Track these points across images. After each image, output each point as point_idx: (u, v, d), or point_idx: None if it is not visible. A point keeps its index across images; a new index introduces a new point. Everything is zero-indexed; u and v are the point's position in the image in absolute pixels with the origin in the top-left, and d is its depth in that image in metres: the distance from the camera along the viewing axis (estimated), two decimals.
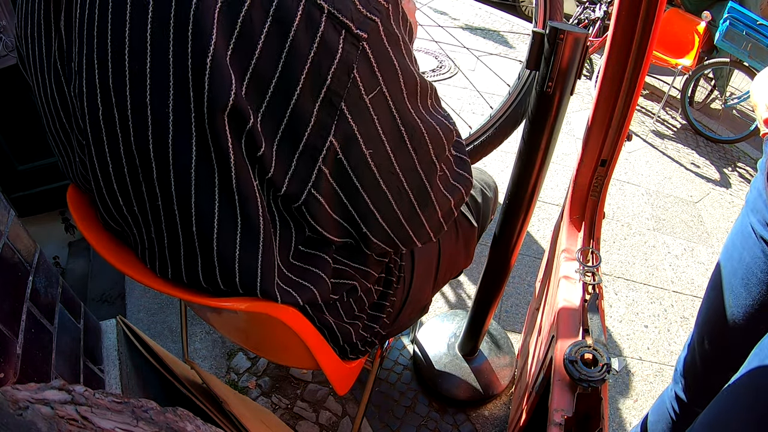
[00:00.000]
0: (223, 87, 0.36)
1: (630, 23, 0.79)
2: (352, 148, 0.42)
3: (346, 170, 0.44)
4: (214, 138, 0.38)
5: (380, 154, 0.44)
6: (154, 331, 1.49)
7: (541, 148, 0.83)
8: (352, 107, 0.40)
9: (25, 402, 0.30)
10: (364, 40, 0.38)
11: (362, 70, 0.39)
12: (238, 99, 0.37)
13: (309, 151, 0.41)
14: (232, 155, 0.39)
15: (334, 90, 0.38)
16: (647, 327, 1.76)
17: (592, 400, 0.69)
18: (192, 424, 0.42)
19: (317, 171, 0.42)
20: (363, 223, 0.49)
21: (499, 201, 1.04)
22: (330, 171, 0.43)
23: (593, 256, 0.92)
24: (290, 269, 0.50)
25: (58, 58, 0.45)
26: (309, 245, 0.51)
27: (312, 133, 0.40)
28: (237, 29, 0.35)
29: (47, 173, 1.78)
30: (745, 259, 0.75)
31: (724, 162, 2.94)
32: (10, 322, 0.67)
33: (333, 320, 0.63)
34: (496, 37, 3.86)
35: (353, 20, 0.37)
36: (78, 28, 0.40)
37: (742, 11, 2.70)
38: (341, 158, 0.42)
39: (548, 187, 2.35)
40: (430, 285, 0.82)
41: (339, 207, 0.47)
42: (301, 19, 0.36)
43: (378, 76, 0.40)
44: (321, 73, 0.37)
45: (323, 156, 0.41)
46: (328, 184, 0.44)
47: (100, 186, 0.45)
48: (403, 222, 0.52)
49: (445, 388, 1.36)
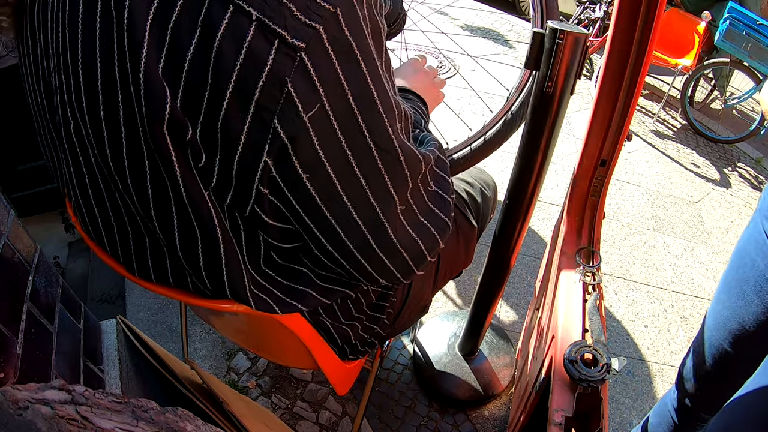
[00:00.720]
0: (158, 100, 0.35)
1: (630, 23, 0.79)
2: (288, 170, 0.38)
3: (284, 191, 0.40)
4: (158, 150, 0.37)
5: (321, 180, 0.40)
6: (154, 331, 1.49)
7: (541, 148, 0.83)
8: (287, 126, 0.36)
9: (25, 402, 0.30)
10: (302, 50, 0.34)
11: (299, 84, 0.35)
12: (174, 112, 0.35)
13: (245, 170, 0.38)
14: (176, 167, 0.38)
15: (264, 106, 0.35)
16: (647, 327, 1.76)
17: (592, 400, 0.69)
18: (192, 424, 0.42)
19: (256, 190, 0.39)
20: (313, 245, 0.46)
21: (499, 200, 1.04)
22: (269, 191, 0.40)
23: (593, 256, 0.92)
24: (264, 277, 0.49)
25: (41, 70, 0.45)
26: (283, 255, 0.49)
27: (244, 152, 0.37)
28: (167, 41, 0.34)
29: (47, 173, 1.77)
30: (758, 265, 0.73)
31: (724, 162, 2.94)
32: (10, 322, 0.67)
33: (330, 322, 0.63)
34: (496, 37, 3.85)
35: (287, 28, 0.34)
36: (52, 42, 0.41)
37: (742, 11, 2.70)
38: (276, 178, 0.39)
39: (548, 187, 2.35)
40: (430, 285, 0.82)
41: (284, 222, 0.44)
42: (227, 28, 0.33)
43: (319, 91, 0.36)
44: (248, 88, 0.34)
45: (259, 176, 0.38)
46: (269, 201, 0.41)
47: (78, 197, 0.47)
48: (357, 256, 0.47)
49: (445, 388, 1.36)
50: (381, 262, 0.49)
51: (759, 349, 0.76)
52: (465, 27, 3.98)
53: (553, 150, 0.85)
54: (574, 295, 0.84)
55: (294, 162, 0.38)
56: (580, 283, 0.85)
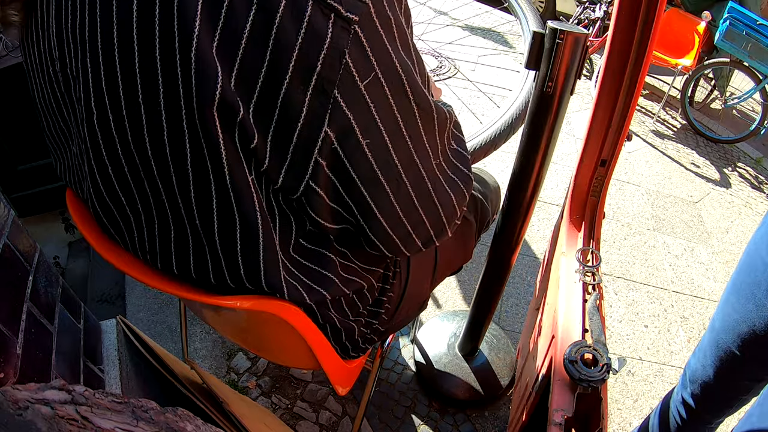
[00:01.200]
0: (210, 80, 0.35)
1: (630, 23, 0.79)
2: (349, 139, 0.41)
3: (343, 161, 0.42)
4: (205, 133, 0.37)
5: (377, 144, 0.43)
6: (154, 331, 1.49)
7: (541, 148, 0.83)
8: (347, 95, 0.38)
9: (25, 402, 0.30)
10: (356, 24, 0.36)
11: (355, 55, 0.37)
12: (225, 92, 0.36)
13: (303, 143, 0.39)
14: (223, 150, 0.38)
15: (326, 77, 0.37)
16: (647, 327, 1.76)
17: (592, 400, 0.69)
18: (192, 424, 0.42)
19: (314, 163, 0.40)
20: (361, 216, 0.48)
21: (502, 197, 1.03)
22: (327, 163, 0.41)
23: (593, 256, 0.92)
24: (292, 263, 0.50)
25: (50, 63, 0.45)
26: (311, 241, 0.50)
27: (305, 123, 0.38)
28: (221, 20, 0.34)
29: (47, 173, 1.78)
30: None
31: (724, 162, 2.94)
32: (10, 322, 0.67)
33: (337, 318, 0.63)
34: (496, 37, 3.86)
35: (342, 3, 0.36)
36: (71, 32, 0.40)
37: (742, 11, 2.70)
38: (337, 149, 0.41)
39: (548, 187, 2.35)
40: (428, 281, 0.82)
41: (337, 198, 0.45)
42: (286, 6, 0.35)
43: (372, 61, 0.39)
44: (310, 61, 0.36)
45: (318, 147, 0.40)
46: (325, 175, 0.42)
47: (100, 189, 0.45)
48: (401, 217, 0.50)
49: (445, 388, 1.36)
50: (420, 221, 0.52)
51: (762, 353, 0.76)
52: (465, 27, 3.98)
53: (553, 150, 0.85)
54: (574, 295, 0.84)
55: (355, 129, 0.40)
56: (580, 283, 0.85)
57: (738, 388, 0.86)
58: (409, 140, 0.46)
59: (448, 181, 0.54)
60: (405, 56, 0.42)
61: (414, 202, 0.50)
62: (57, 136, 0.50)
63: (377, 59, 0.39)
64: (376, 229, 0.49)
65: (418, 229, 0.53)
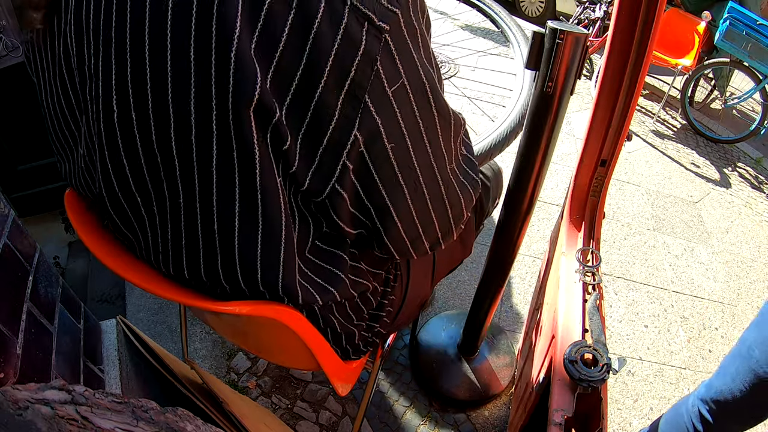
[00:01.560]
0: (249, 81, 0.35)
1: (630, 23, 0.79)
2: (376, 143, 0.42)
3: (368, 165, 0.43)
4: (239, 134, 0.37)
5: (401, 149, 0.44)
6: (154, 331, 1.49)
7: (541, 148, 0.83)
8: (376, 100, 0.40)
9: (25, 402, 0.30)
10: (387, 32, 0.38)
11: (385, 62, 0.39)
12: (264, 93, 0.36)
13: (333, 146, 0.40)
14: (257, 151, 0.38)
15: (359, 82, 0.38)
16: (647, 327, 1.76)
17: (592, 400, 0.69)
18: (192, 424, 0.42)
19: (341, 166, 0.41)
20: (378, 219, 0.49)
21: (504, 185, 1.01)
22: (354, 167, 0.42)
23: (593, 256, 0.92)
24: (307, 264, 0.50)
25: (64, 62, 0.44)
26: (325, 241, 0.51)
27: (336, 127, 0.39)
28: (261, 22, 0.35)
29: (47, 173, 1.78)
30: None
31: (724, 162, 2.94)
32: (10, 322, 0.67)
33: (339, 322, 0.63)
34: (496, 37, 3.85)
35: (375, 12, 0.37)
36: (93, 30, 0.39)
37: (742, 11, 2.70)
38: (363, 152, 0.42)
39: (548, 187, 2.35)
40: (428, 280, 0.82)
41: (357, 202, 0.47)
42: (325, 12, 0.36)
43: (400, 69, 0.40)
44: (345, 66, 0.37)
45: (348, 151, 0.41)
46: (350, 179, 0.43)
47: (114, 189, 0.45)
48: (415, 220, 0.52)
49: (445, 388, 1.36)
50: (430, 222, 0.54)
51: None
52: (465, 27, 3.98)
53: (553, 150, 0.85)
54: (574, 295, 0.84)
55: (382, 134, 0.42)
56: (580, 283, 0.85)
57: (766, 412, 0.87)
58: (429, 145, 0.47)
59: (459, 185, 0.56)
60: (428, 64, 0.44)
61: (428, 204, 0.52)
62: (64, 138, 0.50)
63: (404, 67, 0.41)
64: (391, 232, 0.51)
65: (427, 232, 0.55)
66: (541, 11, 4.90)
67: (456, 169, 0.55)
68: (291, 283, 0.48)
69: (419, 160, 0.47)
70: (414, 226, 0.52)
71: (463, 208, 0.58)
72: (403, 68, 0.41)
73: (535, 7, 4.94)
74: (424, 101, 0.44)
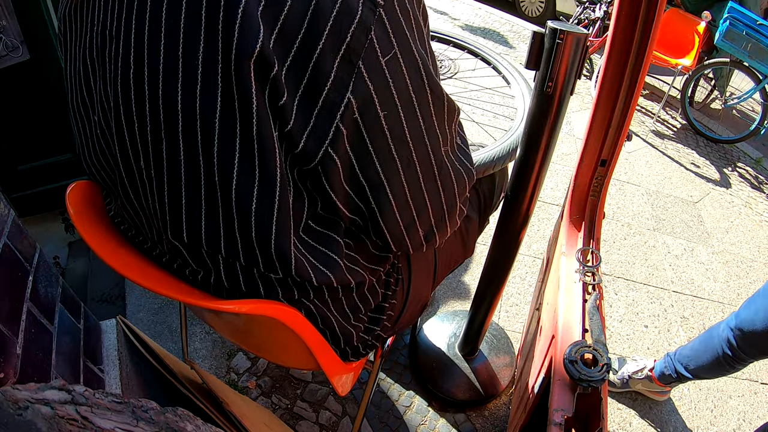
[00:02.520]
0: (252, 35, 0.39)
1: (630, 23, 0.79)
2: (369, 109, 0.45)
3: (362, 132, 0.46)
4: (239, 85, 0.40)
5: (393, 118, 0.47)
6: (154, 331, 1.49)
7: (541, 148, 0.83)
8: (369, 67, 0.43)
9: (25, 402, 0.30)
10: (381, 7, 0.42)
11: (379, 33, 0.43)
12: (265, 47, 0.39)
13: (328, 107, 0.43)
14: (255, 102, 0.41)
15: (353, 48, 0.42)
16: (647, 327, 1.76)
17: (592, 400, 0.69)
18: (192, 424, 0.42)
19: (335, 129, 0.44)
20: (373, 197, 0.51)
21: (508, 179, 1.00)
22: (347, 132, 0.45)
23: (593, 256, 0.92)
24: (301, 242, 0.51)
25: (89, 30, 0.47)
26: (319, 223, 0.52)
27: (332, 88, 0.43)
28: None
29: (47, 173, 1.78)
30: None
31: (724, 162, 2.94)
32: (10, 322, 0.67)
33: (337, 322, 0.63)
34: (496, 37, 3.86)
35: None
36: None
37: (742, 11, 2.70)
38: (357, 118, 0.45)
39: (548, 187, 2.36)
40: (430, 282, 0.82)
41: (351, 176, 0.49)
42: None
43: (393, 41, 0.44)
44: (342, 32, 0.41)
45: (341, 113, 0.44)
46: (344, 146, 0.46)
47: (126, 149, 0.47)
48: (409, 200, 0.54)
49: (445, 388, 1.36)
50: (424, 205, 0.56)
51: None
52: (465, 27, 3.98)
53: (553, 150, 0.85)
54: (574, 295, 0.84)
55: (375, 100, 0.45)
56: (580, 283, 0.85)
57: None
58: (422, 121, 0.50)
59: (454, 170, 0.58)
60: (421, 47, 0.48)
61: (421, 184, 0.54)
62: (79, 107, 0.53)
63: (397, 41, 0.44)
64: (385, 210, 0.52)
65: (421, 216, 0.57)
66: (541, 11, 4.90)
67: (450, 152, 0.57)
68: (285, 247, 0.49)
69: (412, 134, 0.49)
70: (408, 208, 0.54)
71: (456, 195, 0.59)
72: (396, 42, 0.44)
73: (535, 7, 4.94)
74: (417, 77, 0.47)
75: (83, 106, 0.52)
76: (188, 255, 0.52)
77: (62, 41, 0.54)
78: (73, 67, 0.51)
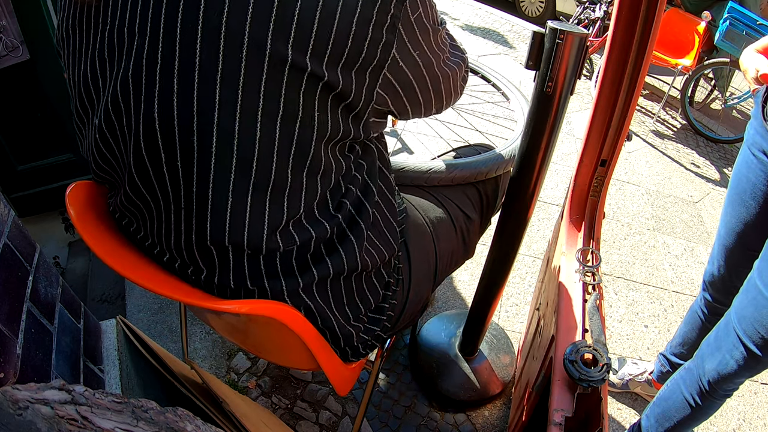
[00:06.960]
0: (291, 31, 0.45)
1: (630, 23, 0.79)
2: (405, 55, 0.56)
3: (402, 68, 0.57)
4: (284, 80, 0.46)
5: (420, 54, 0.59)
6: (154, 331, 1.49)
7: (541, 148, 0.83)
8: (405, 26, 0.54)
9: (25, 402, 0.30)
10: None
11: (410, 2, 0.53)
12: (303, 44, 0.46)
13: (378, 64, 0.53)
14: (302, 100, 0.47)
15: (396, 15, 0.51)
16: (647, 327, 1.76)
17: (592, 400, 0.69)
18: (192, 424, 0.42)
19: (382, 78, 0.54)
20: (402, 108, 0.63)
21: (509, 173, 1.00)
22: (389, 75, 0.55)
23: (593, 256, 0.92)
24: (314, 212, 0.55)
25: (101, 31, 0.48)
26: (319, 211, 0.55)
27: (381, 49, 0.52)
28: None
29: (47, 173, 1.78)
30: (750, 179, 1.05)
31: (724, 162, 2.94)
32: (10, 322, 0.67)
33: (336, 322, 0.63)
34: (496, 37, 3.86)
35: None
36: None
37: (742, 11, 2.70)
38: (397, 58, 0.55)
39: (548, 187, 2.35)
40: (430, 283, 0.82)
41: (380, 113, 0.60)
42: None
43: (418, 3, 0.54)
44: (387, 6, 0.50)
45: (389, 64, 0.54)
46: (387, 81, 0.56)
47: (139, 140, 0.48)
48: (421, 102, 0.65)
49: (445, 388, 1.36)
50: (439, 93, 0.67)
51: (755, 238, 1.07)
52: (465, 27, 3.98)
53: (553, 150, 0.85)
54: (574, 295, 0.84)
55: (408, 47, 0.56)
56: (580, 283, 0.86)
57: (741, 267, 1.13)
58: (436, 50, 0.62)
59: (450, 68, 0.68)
60: (436, 23, 0.60)
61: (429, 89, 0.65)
62: (83, 109, 0.54)
63: (421, 3, 0.55)
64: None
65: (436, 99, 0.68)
66: (541, 11, 4.90)
67: (447, 59, 0.67)
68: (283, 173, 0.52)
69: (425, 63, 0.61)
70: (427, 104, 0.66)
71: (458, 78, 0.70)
72: (421, 4, 0.55)
73: (535, 7, 4.94)
74: (433, 22, 0.59)
75: (88, 107, 0.53)
76: (216, 257, 0.53)
77: (64, 48, 0.55)
78: (79, 71, 0.52)
